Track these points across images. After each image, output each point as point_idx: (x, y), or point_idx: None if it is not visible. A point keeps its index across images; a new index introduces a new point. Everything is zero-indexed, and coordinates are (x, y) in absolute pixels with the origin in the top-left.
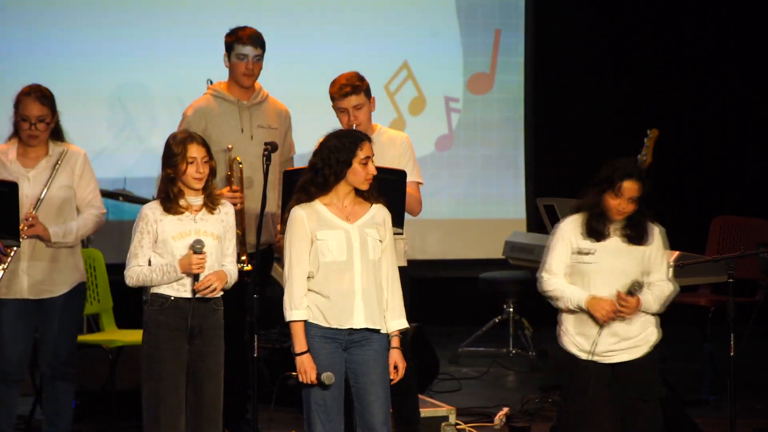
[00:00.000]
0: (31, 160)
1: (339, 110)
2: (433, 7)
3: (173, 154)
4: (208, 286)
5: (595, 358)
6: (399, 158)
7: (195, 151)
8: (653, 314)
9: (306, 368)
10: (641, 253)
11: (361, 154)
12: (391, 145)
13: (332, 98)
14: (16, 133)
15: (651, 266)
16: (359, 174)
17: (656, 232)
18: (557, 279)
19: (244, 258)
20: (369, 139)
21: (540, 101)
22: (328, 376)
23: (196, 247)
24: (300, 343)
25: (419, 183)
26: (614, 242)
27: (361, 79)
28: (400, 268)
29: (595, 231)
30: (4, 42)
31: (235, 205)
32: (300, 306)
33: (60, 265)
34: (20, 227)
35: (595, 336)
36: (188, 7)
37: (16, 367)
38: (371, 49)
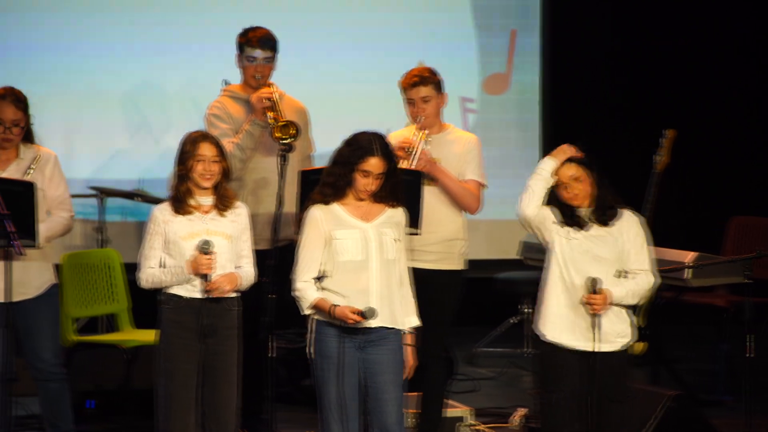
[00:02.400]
0: (2, 163)
1: (407, 101)
2: (448, 7)
3: (184, 152)
4: (216, 289)
5: (571, 346)
6: (462, 156)
7: (205, 149)
8: (627, 307)
9: (345, 315)
10: (614, 238)
11: (363, 166)
12: (455, 144)
13: (402, 89)
14: None
15: (628, 254)
16: (358, 182)
17: (633, 220)
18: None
19: None
20: (382, 155)
21: (556, 102)
22: (370, 311)
23: (203, 248)
24: (326, 305)
25: (481, 184)
26: (591, 229)
27: (433, 72)
28: (455, 271)
29: (573, 223)
30: (19, 42)
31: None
32: (311, 293)
33: (31, 267)
34: None
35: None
36: (203, 6)
37: (5, 367)
38: (387, 49)
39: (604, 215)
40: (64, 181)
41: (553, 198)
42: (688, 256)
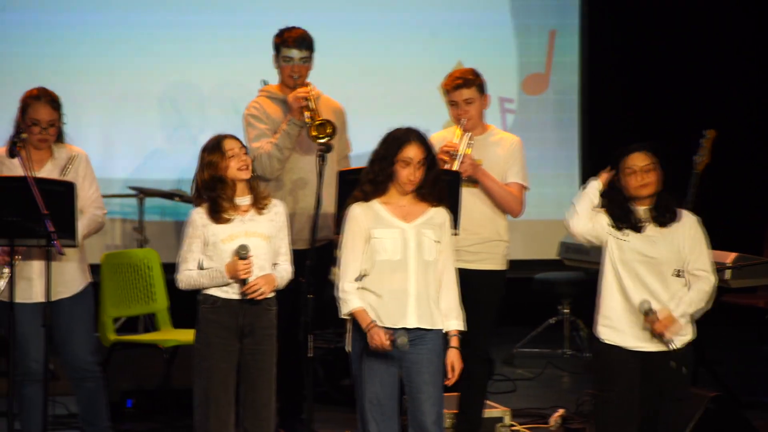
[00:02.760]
0: (36, 163)
1: (450, 103)
2: (487, 7)
3: (210, 159)
4: (256, 290)
5: (628, 347)
6: (506, 159)
7: (232, 145)
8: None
9: (378, 340)
10: (676, 239)
11: (402, 155)
12: (498, 146)
13: (445, 91)
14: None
15: (688, 255)
16: (400, 174)
17: (692, 221)
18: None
19: None
20: (419, 141)
21: (595, 102)
22: (402, 340)
23: (241, 253)
24: (365, 320)
25: (524, 186)
26: (648, 231)
27: (476, 74)
28: (498, 272)
29: (629, 226)
30: (57, 43)
31: None
32: (354, 300)
33: (67, 267)
34: None
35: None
36: (242, 6)
37: (42, 366)
38: (425, 50)
39: (663, 216)
40: (95, 179)
41: (612, 192)
42: (729, 257)
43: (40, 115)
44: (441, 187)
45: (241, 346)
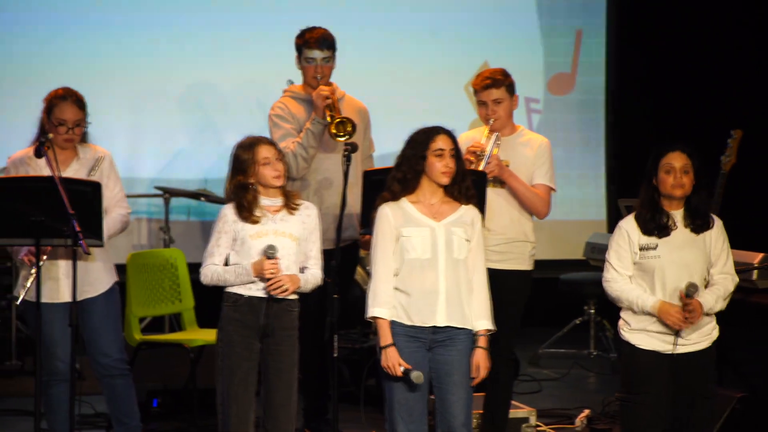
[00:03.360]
0: (61, 163)
1: (479, 103)
2: (513, 7)
3: (244, 161)
4: (280, 286)
5: (656, 349)
6: (534, 160)
7: (266, 152)
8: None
9: (391, 362)
10: (706, 243)
11: (434, 146)
12: (526, 147)
13: (474, 91)
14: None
15: (716, 260)
16: (435, 167)
17: (719, 225)
18: (621, 280)
19: None
20: (447, 132)
21: (621, 102)
22: (417, 376)
23: (269, 253)
24: (385, 337)
25: (551, 188)
26: (679, 235)
27: (506, 75)
28: (525, 272)
29: (657, 227)
30: (83, 44)
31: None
32: (383, 303)
33: (93, 267)
34: None
35: (672, 338)
36: (266, 6)
37: (69, 366)
38: (451, 50)
39: (694, 223)
40: (119, 179)
41: (645, 192)
42: (756, 258)
43: (67, 114)
44: (468, 184)
45: (262, 346)
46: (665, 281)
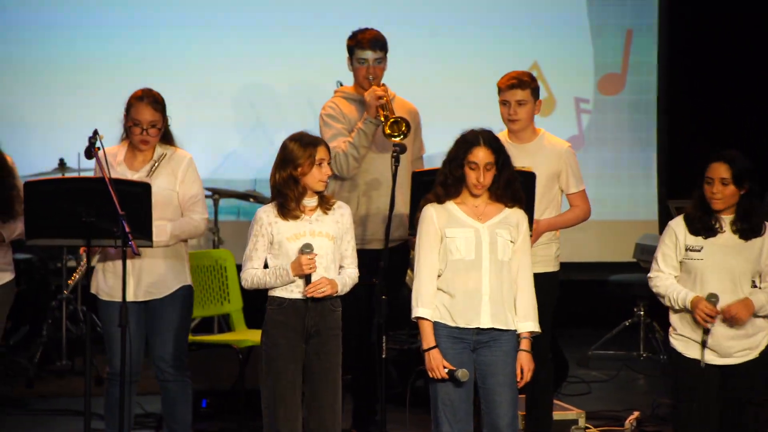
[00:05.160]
0: (139, 163)
1: (501, 103)
2: (563, 7)
3: (299, 156)
4: (317, 289)
5: (706, 360)
6: (559, 167)
7: (323, 153)
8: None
9: (435, 364)
10: (754, 251)
11: (470, 158)
12: (548, 152)
13: (498, 90)
14: (128, 136)
15: (763, 265)
16: (469, 178)
17: None
18: (665, 277)
19: None
20: (487, 143)
21: (673, 101)
22: (463, 373)
23: (304, 251)
24: (428, 339)
25: (584, 190)
26: (726, 238)
27: (532, 78)
28: (551, 273)
29: (703, 227)
30: (132, 44)
31: None
32: (427, 304)
33: (161, 268)
34: None
35: (700, 343)
36: (318, 8)
37: (132, 368)
38: (501, 50)
39: (742, 228)
40: (198, 182)
41: (696, 196)
42: None
43: (141, 115)
44: (515, 188)
45: (306, 347)
46: (705, 284)
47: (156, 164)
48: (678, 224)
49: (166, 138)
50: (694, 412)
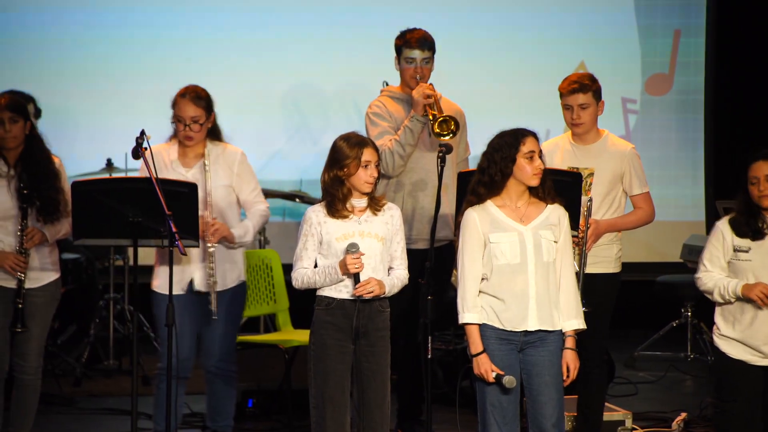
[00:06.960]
0: (190, 160)
1: (564, 107)
2: (611, 7)
3: (346, 156)
4: (365, 288)
5: (747, 361)
6: (623, 169)
7: (369, 155)
8: None
9: (483, 369)
10: None
11: (525, 149)
12: (612, 154)
13: (560, 94)
14: (176, 134)
15: None
16: (525, 169)
17: None
18: (712, 273)
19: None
20: (534, 134)
21: (720, 102)
22: (509, 380)
23: (350, 250)
24: (475, 345)
25: (648, 192)
26: None
27: (593, 80)
28: (612, 275)
29: (750, 229)
30: (179, 45)
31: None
32: (473, 308)
33: (225, 262)
34: (209, 231)
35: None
36: (364, 9)
37: (183, 364)
38: (548, 50)
39: None
40: (253, 174)
41: (741, 198)
42: None
43: (183, 112)
44: (550, 185)
45: (355, 348)
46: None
47: (206, 161)
48: (725, 225)
49: (215, 134)
50: (736, 412)
